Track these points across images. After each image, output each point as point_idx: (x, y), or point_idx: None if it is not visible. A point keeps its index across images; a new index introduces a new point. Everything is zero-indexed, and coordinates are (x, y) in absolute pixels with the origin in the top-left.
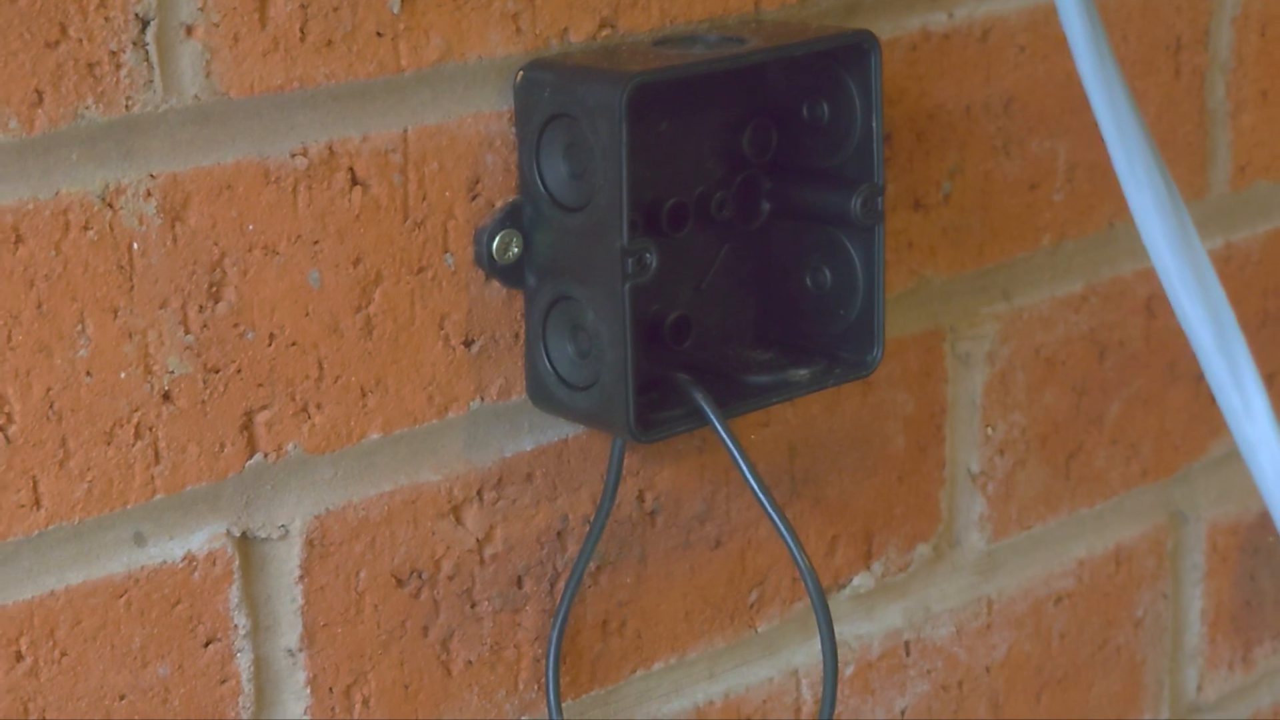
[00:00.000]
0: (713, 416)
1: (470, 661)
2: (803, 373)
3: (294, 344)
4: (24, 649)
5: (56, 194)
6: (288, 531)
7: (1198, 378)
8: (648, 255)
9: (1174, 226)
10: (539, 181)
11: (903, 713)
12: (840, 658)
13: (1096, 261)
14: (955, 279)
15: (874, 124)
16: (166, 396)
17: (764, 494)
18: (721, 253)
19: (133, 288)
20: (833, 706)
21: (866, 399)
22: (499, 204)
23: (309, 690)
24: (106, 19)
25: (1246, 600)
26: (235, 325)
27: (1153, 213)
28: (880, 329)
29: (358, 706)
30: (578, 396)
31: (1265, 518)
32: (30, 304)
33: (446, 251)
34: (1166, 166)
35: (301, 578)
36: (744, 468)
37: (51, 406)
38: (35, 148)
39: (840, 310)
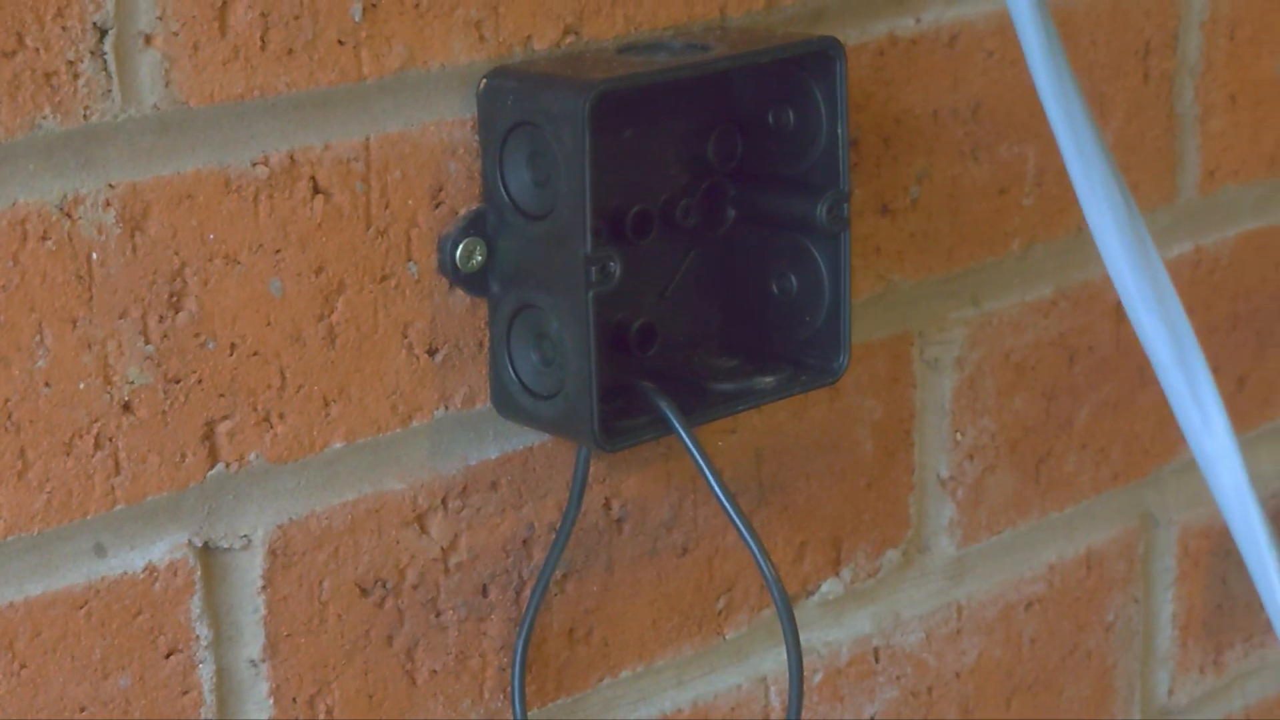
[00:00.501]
0: (677, 424)
1: (435, 671)
2: (768, 380)
3: (256, 353)
4: None
5: (14, 204)
6: (250, 541)
7: None
8: (611, 263)
9: (1132, 241)
10: (502, 189)
11: (872, 719)
12: (809, 664)
13: (1066, 266)
14: (923, 284)
15: (839, 130)
16: (126, 407)
17: (728, 501)
18: (687, 260)
19: (92, 298)
20: (799, 714)
21: (834, 405)
22: (462, 212)
23: (272, 701)
24: (64, 28)
25: (1218, 604)
26: (196, 335)
27: (1110, 227)
28: (847, 336)
29: (322, 717)
30: (542, 405)
31: None
32: None
33: (410, 260)
34: (1134, 171)
35: (264, 588)
36: (708, 475)
37: (10, 417)
38: None
39: (806, 317)
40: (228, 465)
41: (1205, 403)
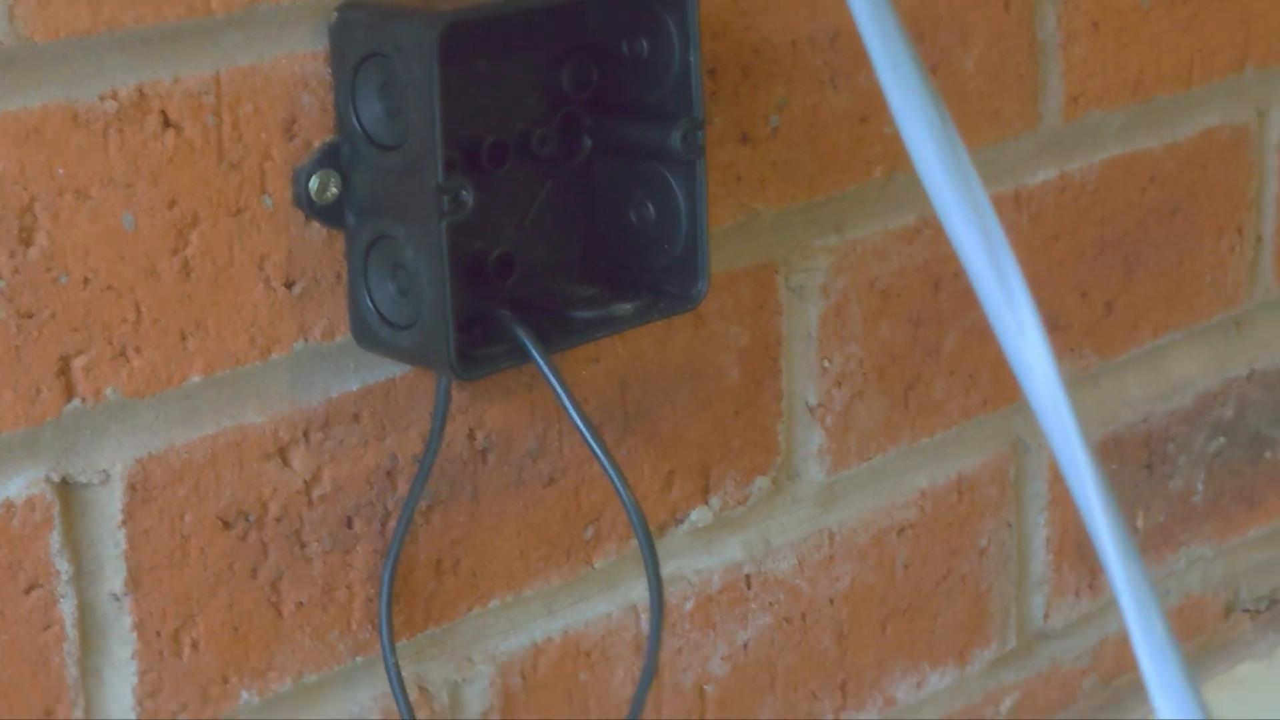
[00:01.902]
0: (533, 351)
1: (301, 603)
2: (627, 307)
3: (109, 287)
4: None
5: None
6: (109, 476)
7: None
8: (463, 192)
9: (941, 137)
10: (355, 121)
11: (745, 645)
12: (680, 592)
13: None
14: (786, 212)
15: (692, 58)
16: None
17: (586, 427)
18: (544, 189)
19: None
20: (657, 642)
21: (698, 332)
22: (316, 144)
23: (136, 635)
24: None
25: None
26: (48, 270)
27: (919, 123)
28: (704, 263)
29: (187, 650)
30: (400, 335)
31: (1107, 444)
32: None
33: (264, 193)
34: (996, 98)
35: (124, 522)
36: (565, 400)
37: None
38: None
39: (665, 244)
40: (84, 400)
41: (1019, 306)
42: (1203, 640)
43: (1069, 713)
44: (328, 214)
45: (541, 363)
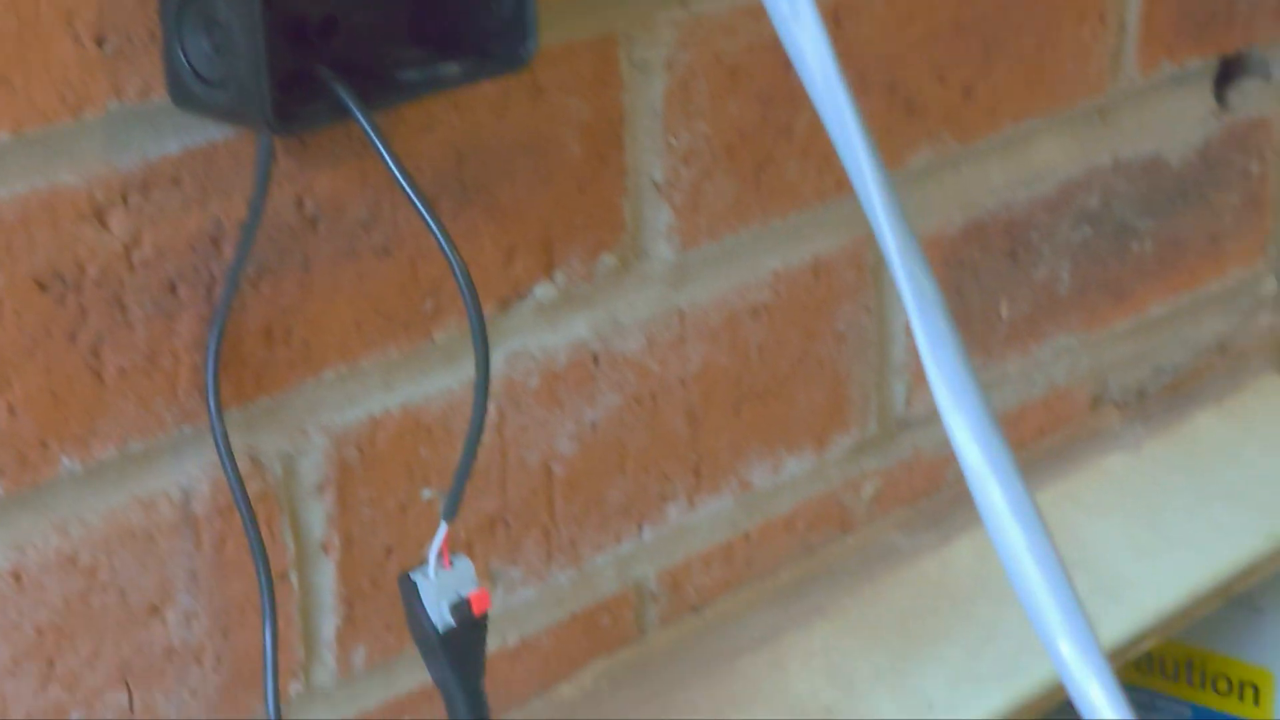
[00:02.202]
0: (351, 105)
1: (124, 369)
2: (454, 67)
3: None
4: None
5: None
6: None
7: (888, 87)
8: None
9: None
10: None
11: (594, 425)
12: (524, 368)
13: None
14: None
15: None
16: None
17: (409, 184)
18: None
19: None
20: (481, 421)
21: (536, 105)
22: None
23: None
24: None
25: (955, 314)
26: None
27: None
28: (533, 21)
29: (3, 415)
30: (216, 92)
31: (970, 231)
32: None
33: None
34: None
35: None
36: (385, 156)
37: None
38: None
39: (492, 5)
40: None
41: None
42: (1069, 432)
43: (932, 501)
44: None
45: (360, 116)
